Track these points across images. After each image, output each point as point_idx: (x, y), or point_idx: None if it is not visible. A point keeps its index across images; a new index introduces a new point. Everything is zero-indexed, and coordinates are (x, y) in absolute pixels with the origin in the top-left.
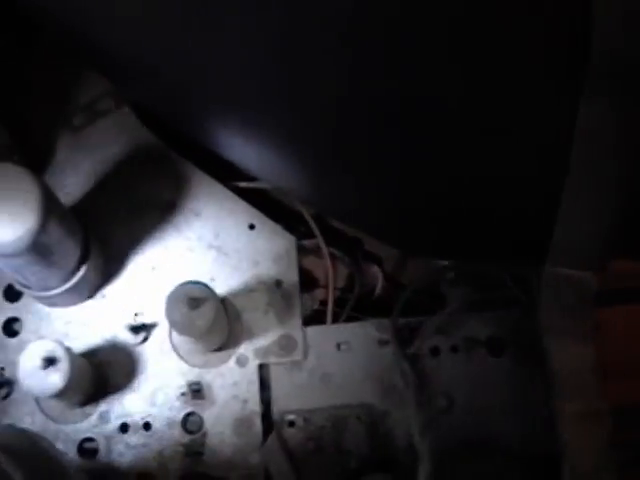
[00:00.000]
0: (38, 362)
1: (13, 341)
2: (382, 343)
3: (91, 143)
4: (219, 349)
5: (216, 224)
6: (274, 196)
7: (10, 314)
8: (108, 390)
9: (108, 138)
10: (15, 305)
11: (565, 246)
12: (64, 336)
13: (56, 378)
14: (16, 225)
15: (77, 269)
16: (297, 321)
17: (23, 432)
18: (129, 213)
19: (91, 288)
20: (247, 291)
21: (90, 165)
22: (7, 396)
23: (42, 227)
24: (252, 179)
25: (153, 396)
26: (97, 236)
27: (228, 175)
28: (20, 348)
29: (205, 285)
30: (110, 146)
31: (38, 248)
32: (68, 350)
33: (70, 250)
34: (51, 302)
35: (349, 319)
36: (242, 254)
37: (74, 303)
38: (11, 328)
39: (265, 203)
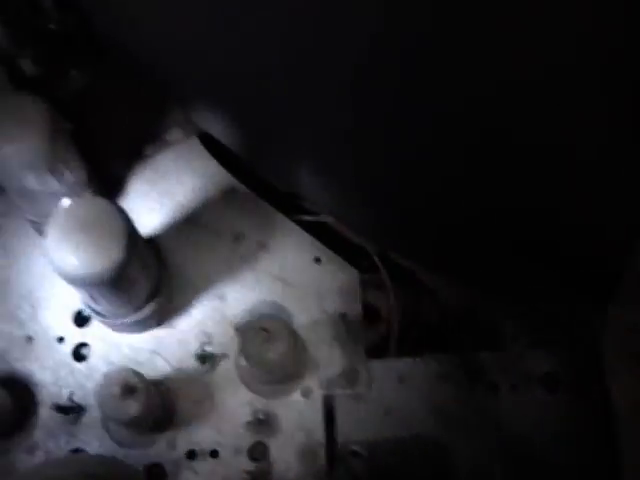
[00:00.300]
0: (117, 390)
1: (82, 366)
2: (443, 377)
3: (160, 172)
4: (285, 380)
5: (282, 256)
6: (338, 230)
7: (79, 339)
8: (175, 417)
9: (177, 168)
10: (84, 330)
11: (632, 290)
12: (133, 363)
13: (133, 407)
14: (103, 257)
15: (150, 299)
16: (361, 354)
17: (109, 459)
18: (198, 243)
19: (160, 317)
20: (312, 323)
21: (159, 194)
22: (76, 420)
23: (127, 260)
24: (316, 213)
25: (220, 424)
26: (167, 265)
27: (293, 208)
28: (89, 373)
29: (280, 319)
30: (179, 176)
31: (119, 279)
32: (145, 380)
33: (145, 281)
34: (121, 329)
35: (411, 352)
36: (308, 287)
37: (143, 330)
38: (80, 353)
39: (329, 237)
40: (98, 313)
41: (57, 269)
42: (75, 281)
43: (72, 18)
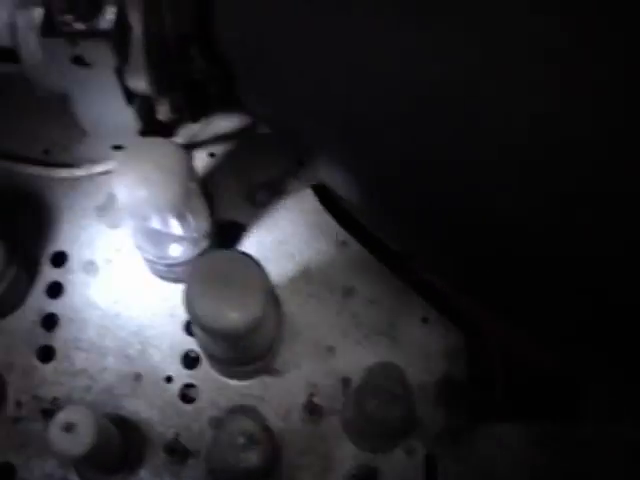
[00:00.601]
0: (242, 441)
1: (189, 408)
2: (543, 443)
3: (275, 221)
4: (390, 437)
5: (391, 314)
6: (445, 291)
7: (187, 380)
8: (279, 466)
9: (291, 218)
10: (192, 372)
11: None
12: (240, 408)
13: (255, 458)
14: (243, 311)
15: (267, 349)
16: (466, 415)
17: None
18: (309, 295)
19: (271, 366)
20: (419, 382)
21: (273, 243)
22: (181, 461)
23: (264, 313)
24: (424, 273)
25: (323, 476)
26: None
27: (402, 267)
28: (195, 415)
29: (402, 381)
30: (293, 226)
31: (253, 331)
32: (264, 429)
33: (268, 331)
34: (231, 374)
35: (513, 416)
36: (415, 346)
37: (252, 377)
38: (187, 394)
39: (437, 297)
40: (214, 357)
41: (194, 319)
42: (211, 332)
43: (216, 70)
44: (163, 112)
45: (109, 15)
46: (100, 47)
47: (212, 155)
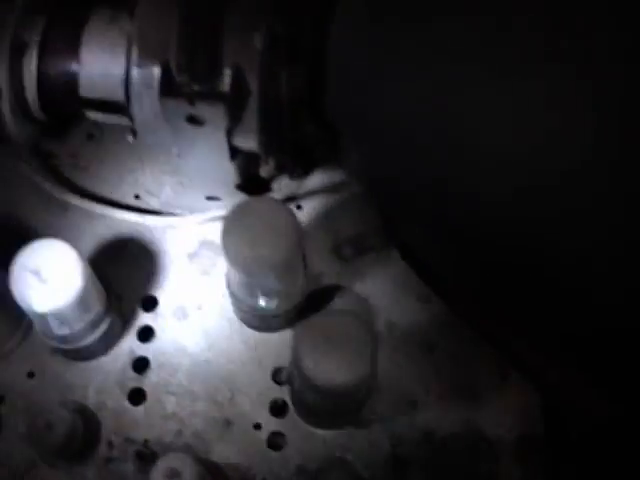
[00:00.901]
0: None
1: (276, 455)
2: None
3: (358, 275)
4: None
5: (470, 370)
6: (523, 349)
7: (275, 428)
8: None
9: (374, 273)
10: (280, 420)
11: None
12: (325, 459)
13: None
14: (352, 370)
15: (364, 402)
16: (544, 473)
17: None
18: (392, 348)
19: (357, 417)
20: (497, 438)
21: (356, 296)
22: None
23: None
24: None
25: None
26: None
27: (482, 325)
28: (283, 463)
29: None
30: (376, 280)
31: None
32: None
33: (368, 387)
34: (319, 424)
35: (594, 472)
36: (494, 402)
37: (339, 427)
38: (275, 442)
39: (515, 355)
40: (308, 409)
41: (303, 377)
42: (318, 390)
43: (324, 134)
44: (267, 170)
45: (226, 77)
46: (216, 109)
47: (299, 207)
